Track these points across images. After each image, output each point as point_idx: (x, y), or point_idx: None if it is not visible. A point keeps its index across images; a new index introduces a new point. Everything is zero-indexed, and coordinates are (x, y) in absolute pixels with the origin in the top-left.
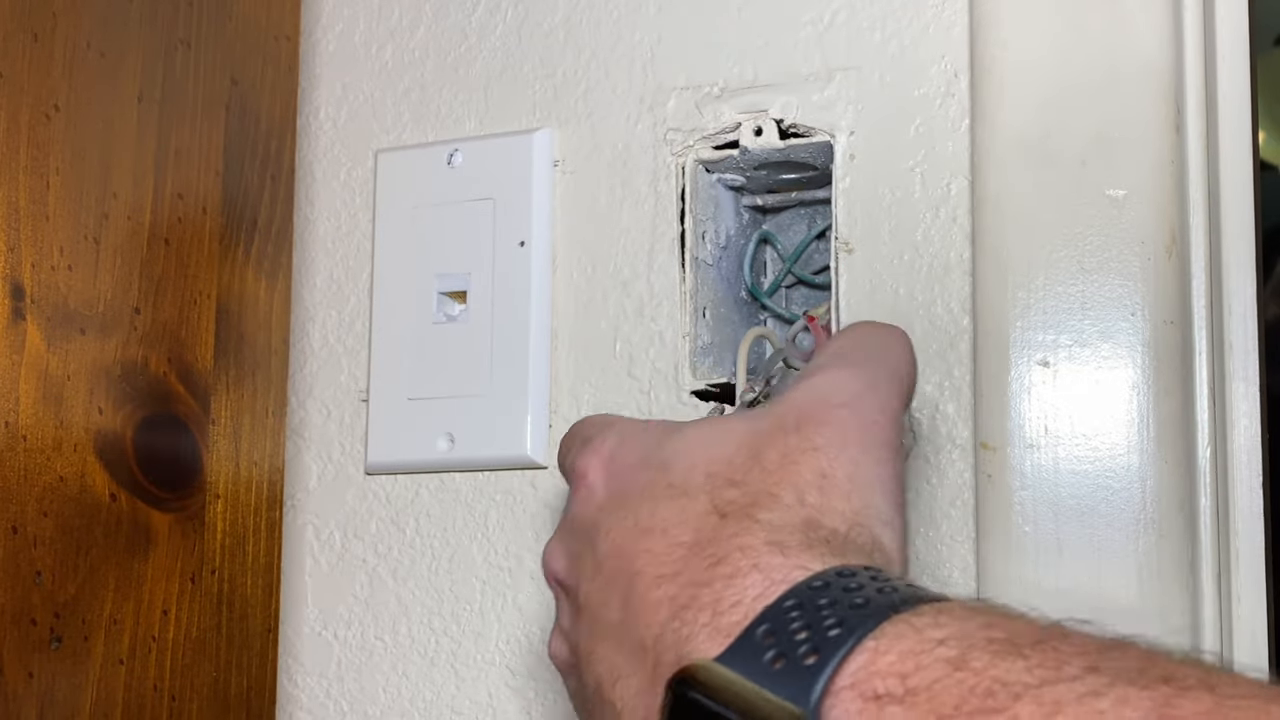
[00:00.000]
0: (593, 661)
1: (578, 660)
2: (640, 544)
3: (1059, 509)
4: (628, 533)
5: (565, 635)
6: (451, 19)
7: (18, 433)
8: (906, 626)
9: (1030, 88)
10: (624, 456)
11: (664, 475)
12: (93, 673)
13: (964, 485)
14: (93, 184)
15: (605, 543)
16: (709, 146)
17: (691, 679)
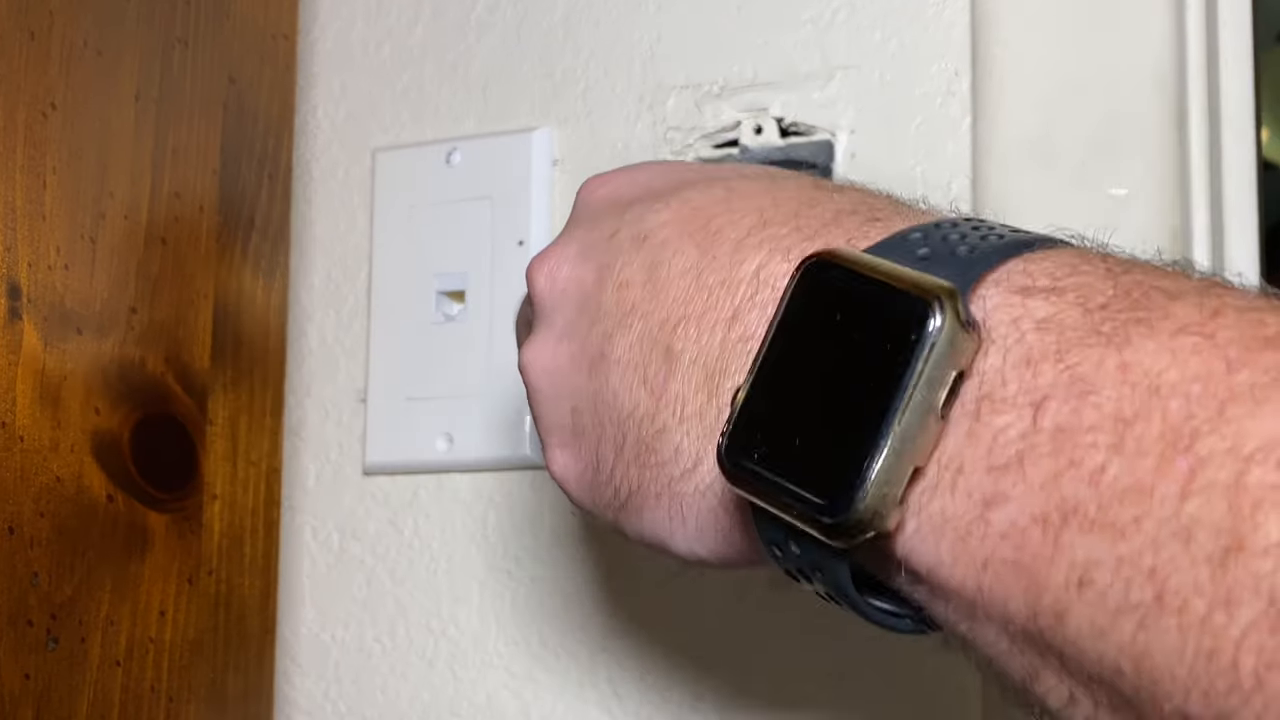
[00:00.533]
0: (632, 321)
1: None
2: (722, 207)
3: None
4: (701, 202)
5: (563, 331)
6: (450, 17)
7: (14, 433)
8: (1063, 247)
9: (1032, 86)
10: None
11: (724, 168)
12: (89, 674)
13: None
14: (90, 183)
15: (660, 211)
16: (709, 145)
17: (834, 254)
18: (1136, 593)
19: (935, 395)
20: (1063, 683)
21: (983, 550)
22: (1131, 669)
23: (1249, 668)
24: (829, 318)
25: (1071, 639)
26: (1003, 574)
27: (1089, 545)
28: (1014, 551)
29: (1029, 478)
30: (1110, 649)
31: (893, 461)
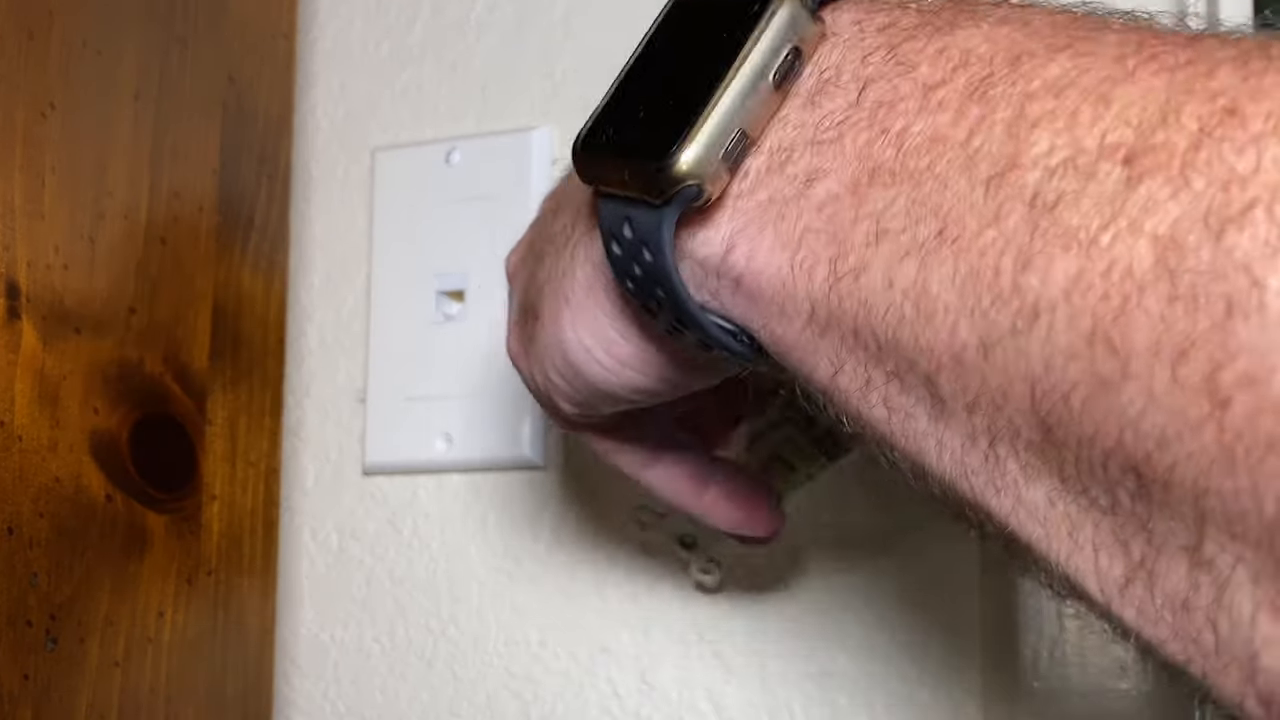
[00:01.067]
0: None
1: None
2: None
3: None
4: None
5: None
6: (449, 16)
7: (13, 433)
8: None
9: None
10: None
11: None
12: (88, 674)
13: None
14: (89, 182)
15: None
16: None
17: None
18: (923, 230)
19: (769, 62)
20: (859, 364)
21: (799, 225)
22: (912, 311)
23: (1008, 275)
24: (687, 21)
25: (865, 300)
26: (814, 246)
27: (887, 197)
28: (825, 221)
29: (845, 149)
30: (896, 298)
31: (721, 119)
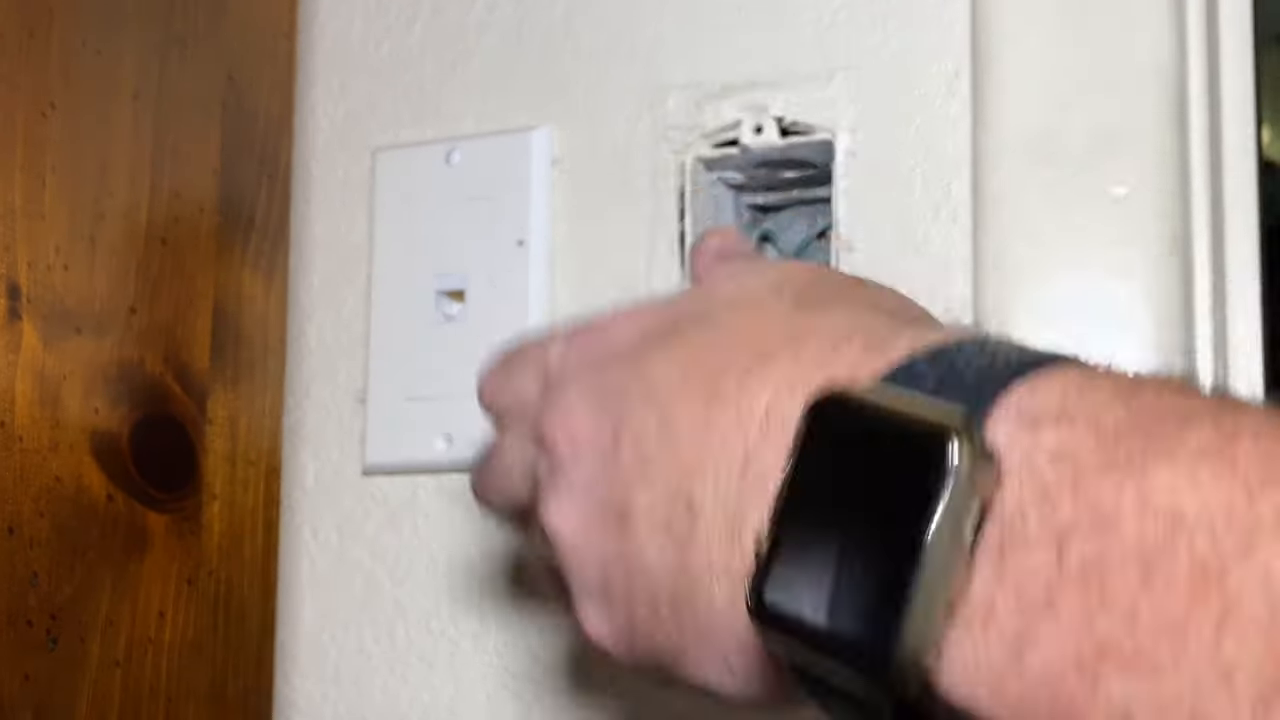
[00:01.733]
0: (652, 473)
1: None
2: (720, 352)
3: None
4: (698, 343)
5: (584, 486)
6: (450, 16)
7: (14, 433)
8: (1070, 365)
9: (1032, 86)
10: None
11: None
12: (89, 675)
13: None
14: (89, 183)
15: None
16: (709, 145)
17: (845, 395)
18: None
19: (962, 529)
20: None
21: (1019, 693)
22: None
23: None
24: (844, 458)
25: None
26: (1041, 715)
27: (1127, 686)
28: (1051, 695)
29: (1061, 619)
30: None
31: (927, 603)
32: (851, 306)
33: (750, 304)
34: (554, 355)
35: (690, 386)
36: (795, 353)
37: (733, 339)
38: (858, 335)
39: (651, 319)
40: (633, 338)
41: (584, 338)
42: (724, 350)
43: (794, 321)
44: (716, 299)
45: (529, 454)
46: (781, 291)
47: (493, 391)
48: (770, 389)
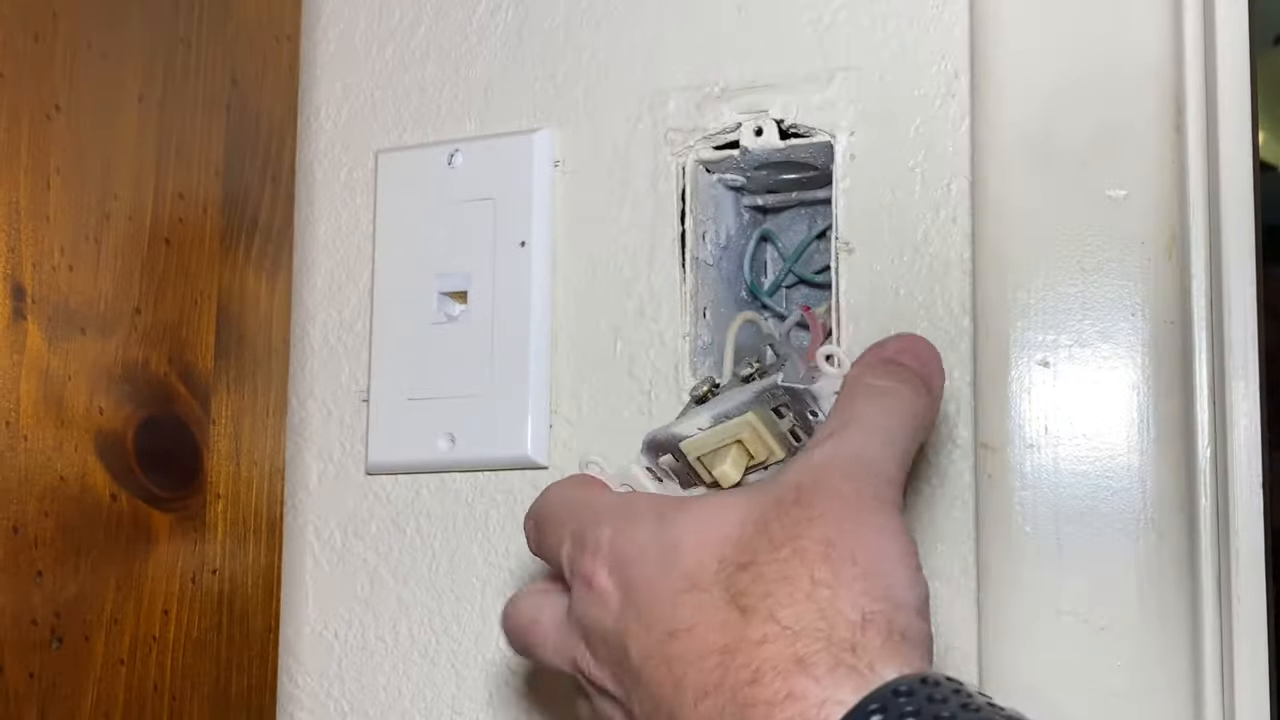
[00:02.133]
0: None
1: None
2: (671, 650)
3: (1059, 509)
4: (656, 640)
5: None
6: (452, 19)
7: (19, 433)
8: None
9: (1031, 87)
10: (626, 549)
11: (674, 565)
12: (93, 673)
13: (964, 485)
14: (93, 184)
15: (636, 650)
16: (709, 146)
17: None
18: None
19: None
20: None
21: None
22: None
23: None
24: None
25: None
26: None
27: None
28: None
29: None
30: None
31: None
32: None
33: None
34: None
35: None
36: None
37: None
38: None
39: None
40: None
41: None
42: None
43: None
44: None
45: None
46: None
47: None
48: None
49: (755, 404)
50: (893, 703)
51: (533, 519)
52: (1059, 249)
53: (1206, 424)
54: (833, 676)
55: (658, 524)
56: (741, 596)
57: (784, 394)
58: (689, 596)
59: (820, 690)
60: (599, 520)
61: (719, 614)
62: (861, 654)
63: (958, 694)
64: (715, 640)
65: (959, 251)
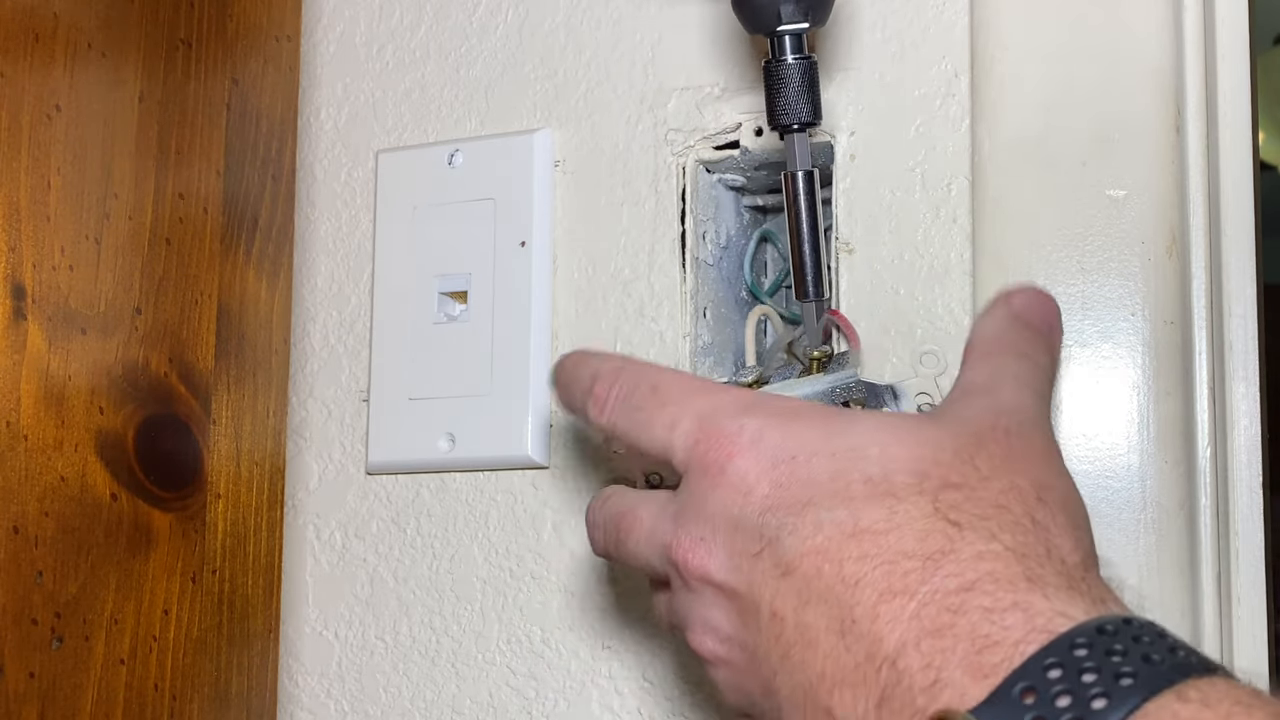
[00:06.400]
0: (792, 665)
1: (755, 662)
2: (851, 548)
3: None
4: (828, 537)
5: (728, 637)
6: (452, 20)
7: (19, 432)
8: (1168, 714)
9: (1031, 88)
10: (785, 443)
11: (855, 468)
12: (94, 672)
13: None
14: (94, 184)
15: (794, 544)
16: (709, 147)
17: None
18: None
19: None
20: None
21: None
22: None
23: None
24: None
25: None
26: None
27: None
28: None
29: None
30: None
31: None
32: (980, 527)
33: (888, 493)
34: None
35: (824, 585)
36: (924, 592)
37: (868, 545)
38: (991, 585)
39: (786, 473)
40: (766, 488)
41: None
42: (858, 557)
43: (930, 534)
44: (853, 475)
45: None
46: (924, 482)
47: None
48: (899, 632)
49: (826, 396)
50: (1124, 628)
51: (618, 384)
52: (1059, 249)
53: (1206, 424)
54: (1066, 596)
55: (825, 425)
56: (953, 511)
57: (860, 389)
58: (882, 501)
59: (1050, 605)
60: (742, 409)
61: (923, 523)
62: (1092, 587)
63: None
64: (915, 546)
65: (959, 252)
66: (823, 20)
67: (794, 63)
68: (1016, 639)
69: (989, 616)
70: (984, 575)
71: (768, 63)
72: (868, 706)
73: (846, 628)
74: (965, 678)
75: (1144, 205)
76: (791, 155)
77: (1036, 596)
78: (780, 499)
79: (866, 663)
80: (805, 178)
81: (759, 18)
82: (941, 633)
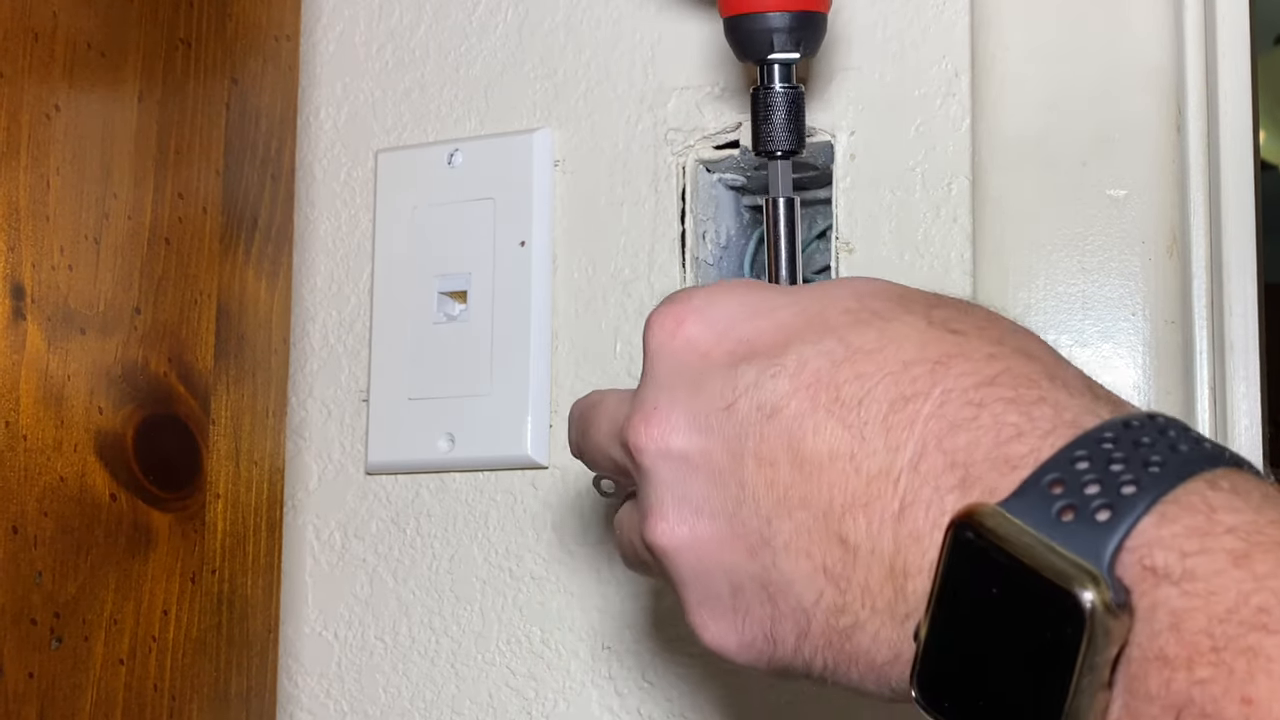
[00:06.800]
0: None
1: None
2: (845, 372)
3: None
4: (819, 365)
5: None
6: (452, 19)
7: (18, 432)
8: (1199, 499)
9: (1031, 88)
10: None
11: (827, 305)
12: (93, 673)
13: None
14: (93, 184)
15: (780, 383)
16: (709, 146)
17: (979, 526)
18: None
19: (1099, 675)
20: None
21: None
22: None
23: None
24: (986, 589)
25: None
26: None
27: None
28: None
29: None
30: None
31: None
32: (983, 334)
33: (870, 313)
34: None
35: (821, 413)
36: (941, 394)
37: (864, 364)
38: (1004, 377)
39: (745, 318)
40: (729, 344)
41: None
42: (855, 377)
43: (930, 345)
44: (829, 311)
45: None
46: (909, 303)
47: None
48: (917, 438)
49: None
50: (1149, 422)
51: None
52: (1059, 249)
53: (1207, 424)
54: (1090, 397)
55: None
56: (950, 322)
57: None
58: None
59: (1076, 402)
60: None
61: (922, 334)
62: (1110, 393)
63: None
64: (918, 354)
65: (959, 251)
66: (813, 51)
67: (781, 91)
68: (1045, 430)
69: (1014, 407)
70: (1002, 371)
71: (756, 89)
72: (884, 520)
73: (855, 448)
74: (992, 472)
75: (1145, 205)
76: (774, 182)
77: (1062, 394)
78: (751, 349)
79: (882, 476)
80: (786, 204)
81: (750, 46)
82: (965, 426)
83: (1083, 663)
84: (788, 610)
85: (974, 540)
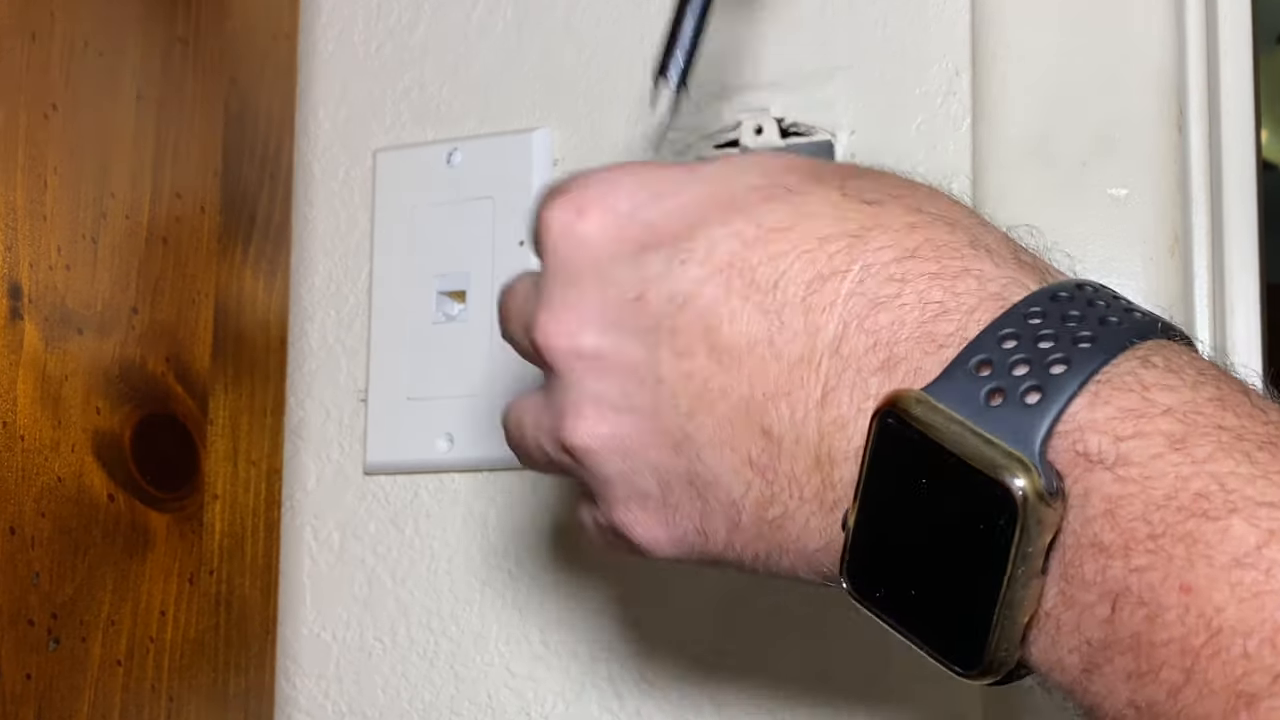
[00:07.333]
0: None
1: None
2: (758, 253)
3: None
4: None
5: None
6: (451, 18)
7: (15, 433)
8: (1133, 379)
9: (1032, 86)
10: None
11: (735, 181)
12: (91, 674)
13: None
14: (91, 183)
15: (690, 269)
16: (709, 145)
17: (905, 413)
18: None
19: (1033, 564)
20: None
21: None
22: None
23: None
24: (915, 479)
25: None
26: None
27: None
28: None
29: (1116, 668)
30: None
31: (1006, 629)
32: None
33: (786, 191)
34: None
35: (736, 299)
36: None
37: (777, 243)
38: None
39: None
40: (633, 231)
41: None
42: (767, 258)
43: (842, 219)
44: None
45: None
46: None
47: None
48: (837, 319)
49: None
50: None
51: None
52: (1060, 249)
53: None
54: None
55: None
56: (865, 193)
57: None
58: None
59: (1001, 271)
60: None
61: (836, 208)
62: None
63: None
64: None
65: None
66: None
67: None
68: (970, 305)
69: (938, 282)
70: (923, 243)
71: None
72: (807, 408)
73: (774, 333)
74: (918, 351)
75: (1146, 204)
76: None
77: (986, 263)
78: (657, 235)
79: (802, 363)
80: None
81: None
82: (887, 304)
83: (1016, 552)
84: (717, 505)
85: (899, 428)
